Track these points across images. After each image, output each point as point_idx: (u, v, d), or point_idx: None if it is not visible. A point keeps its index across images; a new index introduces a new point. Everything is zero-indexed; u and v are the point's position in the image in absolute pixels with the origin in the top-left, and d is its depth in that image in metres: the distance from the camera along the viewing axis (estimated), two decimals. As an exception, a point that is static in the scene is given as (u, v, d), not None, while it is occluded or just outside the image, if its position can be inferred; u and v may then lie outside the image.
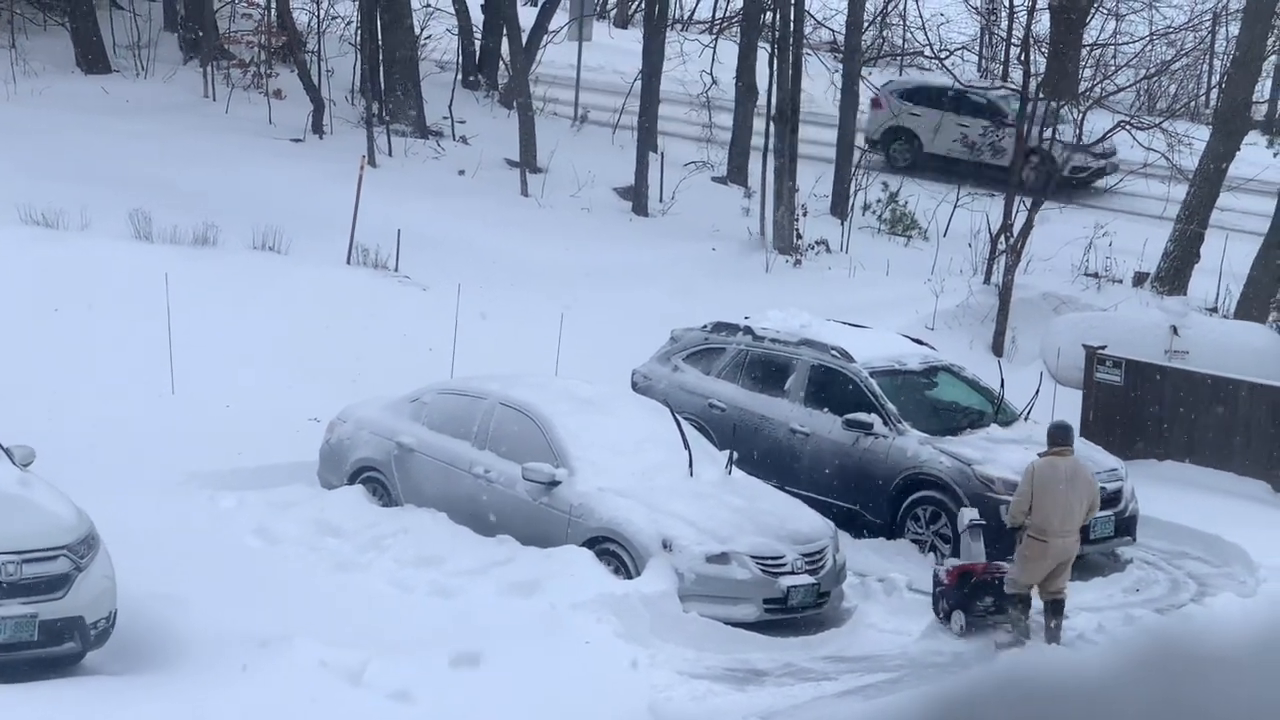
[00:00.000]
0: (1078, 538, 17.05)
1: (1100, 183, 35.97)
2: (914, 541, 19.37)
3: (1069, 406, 23.15)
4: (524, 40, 37.79)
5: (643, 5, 42.94)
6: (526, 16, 40.09)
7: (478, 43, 41.12)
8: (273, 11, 38.00)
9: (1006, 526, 17.40)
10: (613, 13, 56.69)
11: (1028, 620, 16.89)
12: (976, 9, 45.68)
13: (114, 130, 32.20)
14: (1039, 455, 17.20)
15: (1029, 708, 3.30)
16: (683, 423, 18.39)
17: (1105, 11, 38.38)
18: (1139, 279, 31.02)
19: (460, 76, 39.94)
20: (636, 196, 33.57)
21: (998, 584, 17.13)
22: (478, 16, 41.01)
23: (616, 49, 47.85)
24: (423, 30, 39.21)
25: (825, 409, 20.15)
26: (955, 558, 17.88)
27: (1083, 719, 3.26)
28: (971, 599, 17.05)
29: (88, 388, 21.27)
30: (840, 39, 38.67)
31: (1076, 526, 16.96)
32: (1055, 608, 16.90)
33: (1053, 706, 3.30)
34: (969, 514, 17.90)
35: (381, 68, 35.96)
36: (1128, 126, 31.29)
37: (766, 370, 20.87)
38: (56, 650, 14.26)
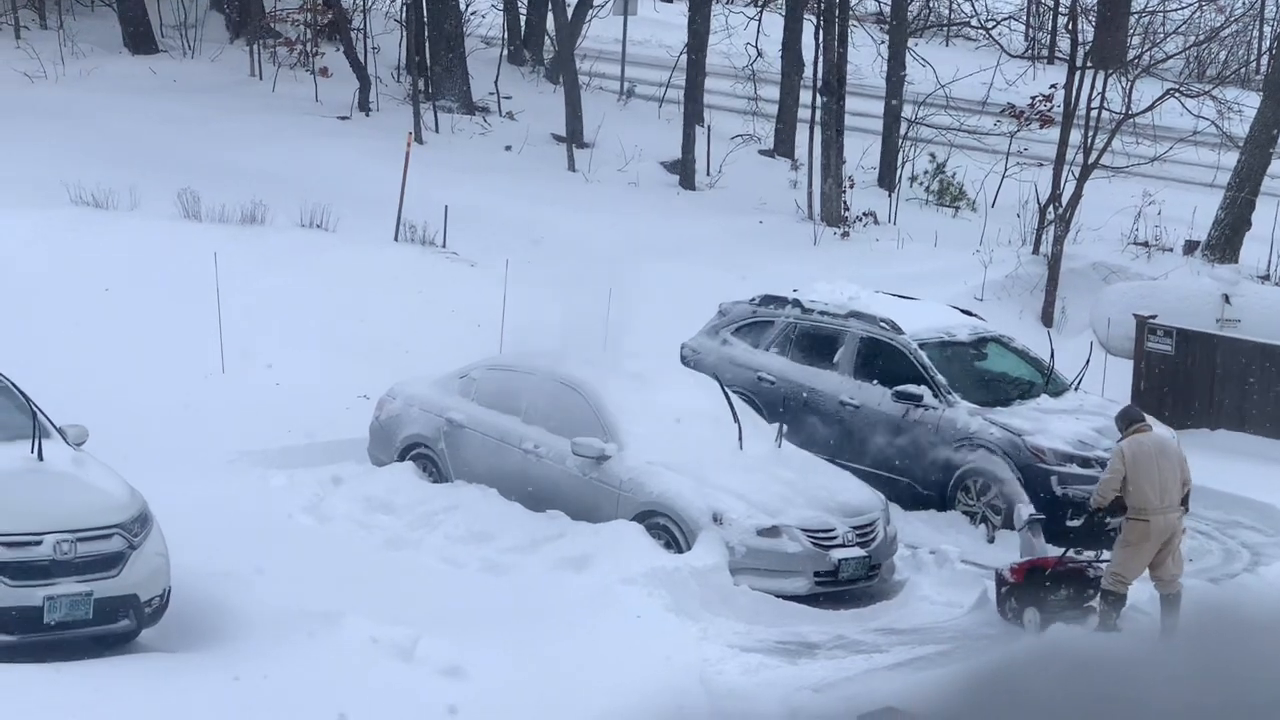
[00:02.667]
0: (1180, 513, 16.40)
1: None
2: (965, 513, 19.32)
3: (1120, 377, 23.08)
4: (569, 14, 37.76)
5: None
6: (571, -9, 40.00)
7: (523, 17, 41.10)
8: (318, -11, 38.02)
9: (1090, 508, 16.78)
10: (658, -14, 56.53)
11: (1117, 619, 16.14)
12: (1023, -22, 45.42)
13: (161, 111, 32.29)
14: (1121, 439, 16.54)
15: (1077, 681, 3.29)
16: (732, 396, 18.37)
17: (1154, -22, 38.05)
18: (1189, 247, 30.83)
19: (506, 52, 39.94)
20: (684, 170, 33.52)
21: (1072, 574, 16.60)
22: (523, -9, 40.99)
23: (662, 22, 47.80)
24: (468, 6, 39.19)
25: (875, 381, 20.10)
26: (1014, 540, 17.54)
27: (1131, 689, 3.25)
28: (1047, 594, 16.47)
29: (139, 367, 21.36)
30: (886, 9, 38.50)
31: (1176, 501, 16.32)
32: (1172, 602, 16.17)
33: (1098, 678, 3.30)
34: (1026, 509, 17.45)
35: (427, 44, 35.97)
36: (1177, 94, 31.08)
37: (815, 343, 20.83)
38: (111, 628, 14.34)
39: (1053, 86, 32.46)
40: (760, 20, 40.54)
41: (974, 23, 42.77)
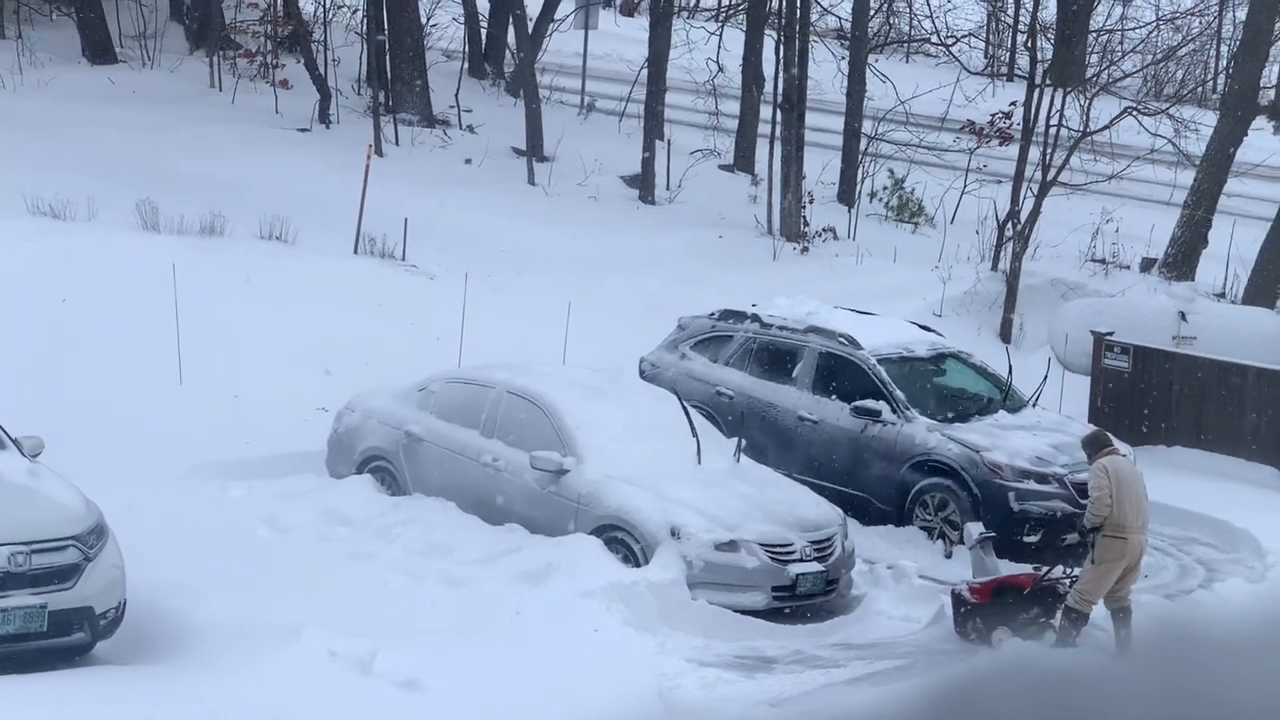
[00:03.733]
0: (1147, 536, 16.58)
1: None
2: (922, 528, 19.37)
3: (1077, 393, 23.17)
4: (530, 28, 37.77)
5: (649, -7, 42.90)
6: (533, 4, 40.03)
7: (484, 31, 41.10)
8: (279, 1, 37.95)
9: (1085, 528, 16.65)
10: (619, 1, 56.65)
11: (1078, 637, 16.19)
12: (983, -5, 45.61)
13: (120, 121, 32.19)
14: (1097, 461, 16.51)
15: (1036, 696, 3.30)
16: (690, 410, 18.39)
17: (1112, -3, 38.27)
18: (1146, 265, 31.00)
19: (466, 65, 39.93)
20: (643, 184, 33.55)
21: (1044, 592, 16.56)
22: (484, 4, 40.99)
23: (623, 37, 47.85)
24: (429, 19, 39.17)
25: (833, 396, 20.15)
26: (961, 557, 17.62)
27: (1089, 705, 3.27)
28: (1015, 612, 16.43)
29: (96, 378, 21.28)
30: (846, 26, 38.63)
31: (1147, 522, 16.51)
32: (1123, 616, 16.29)
33: (1060, 693, 3.31)
34: (975, 527, 17.44)
35: (388, 57, 35.93)
36: (1135, 112, 31.25)
37: (774, 358, 20.87)
38: (66, 640, 14.27)
39: (1012, 104, 32.61)
40: (721, 35, 40.62)
41: (934, 40, 42.98)
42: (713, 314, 21.73)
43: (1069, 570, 16.91)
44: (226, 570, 16.12)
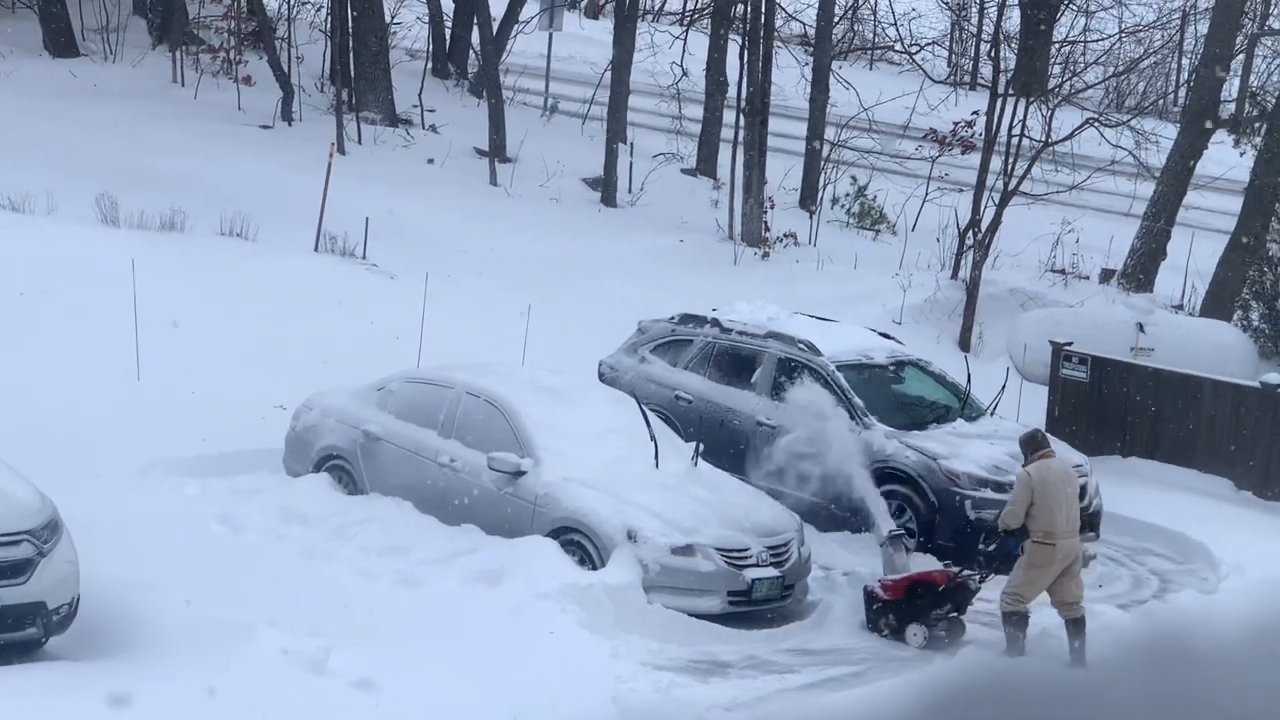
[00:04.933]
0: (1079, 538, 16.74)
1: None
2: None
3: (1035, 402, 23.24)
4: (494, 29, 37.74)
5: (614, -4, 42.92)
6: (497, 5, 40.00)
7: (448, 31, 41.05)
8: (243, -3, 37.87)
9: (999, 531, 16.88)
10: (583, 3, 56.65)
11: (1024, 639, 16.38)
12: (947, 4, 45.75)
13: (81, 115, 32.07)
14: (1026, 464, 16.76)
15: (994, 704, 3.31)
16: (649, 414, 18.39)
17: (1075, 8, 38.43)
18: (1106, 276, 31.12)
19: (430, 65, 39.88)
20: (605, 187, 33.55)
21: (957, 589, 16.90)
22: (448, 5, 40.96)
23: (587, 39, 47.86)
24: (393, 18, 39.13)
25: (792, 402, 20.14)
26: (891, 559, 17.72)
27: (1047, 713, 3.27)
28: (927, 609, 16.79)
29: (53, 373, 21.18)
30: (811, 32, 38.69)
31: (1078, 526, 16.67)
32: (1077, 626, 16.38)
33: (1017, 702, 3.32)
34: (886, 525, 17.71)
35: (352, 55, 35.87)
36: (1096, 123, 31.37)
37: (733, 363, 20.87)
38: (17, 635, 14.17)
39: (974, 113, 32.70)
40: (685, 40, 40.65)
41: (898, 47, 43.12)
42: (673, 318, 21.73)
43: (981, 570, 17.25)
44: (181, 567, 16.05)
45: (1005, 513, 16.68)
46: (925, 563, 17.63)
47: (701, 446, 18.53)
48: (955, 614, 16.88)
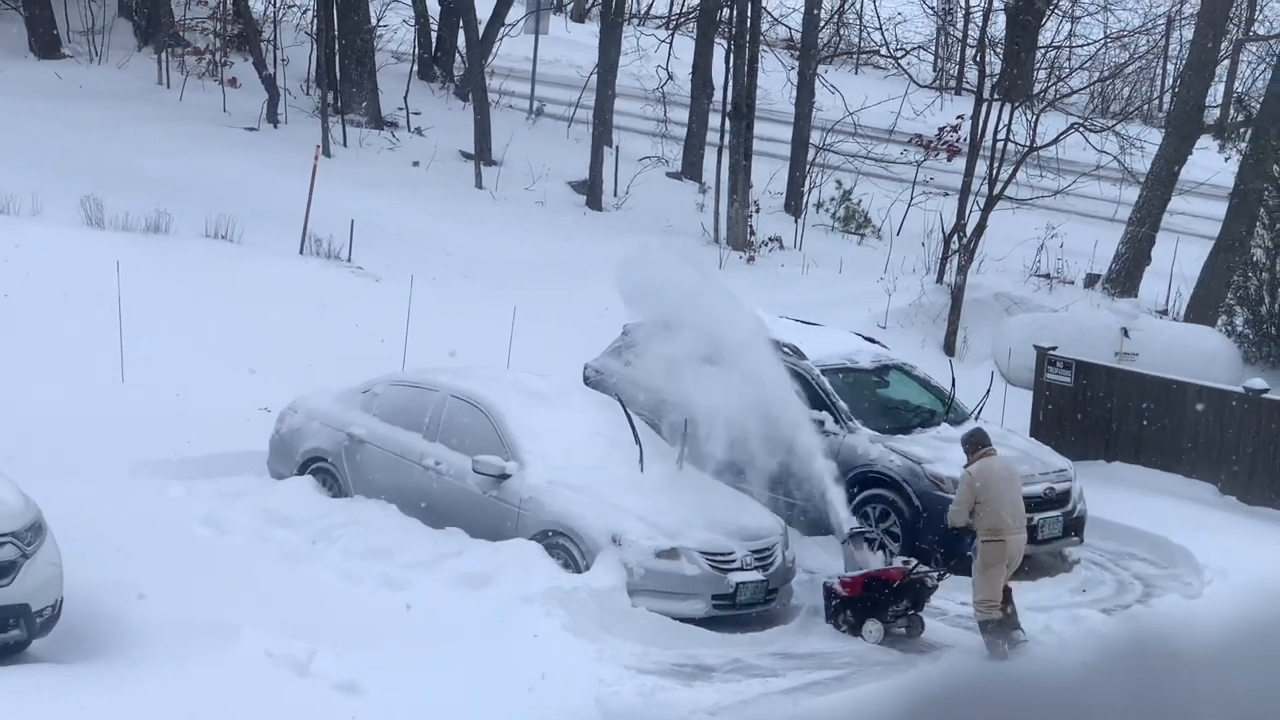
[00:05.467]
0: (1025, 534, 17.07)
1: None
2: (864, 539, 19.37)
3: (1019, 407, 23.27)
4: (480, 32, 37.74)
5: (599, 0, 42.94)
6: (483, 8, 39.99)
7: (434, 34, 41.04)
8: (228, -1, 37.85)
9: (948, 527, 17.38)
10: (569, 6, 56.63)
11: (1005, 644, 16.54)
12: (933, 9, 45.77)
13: (66, 116, 32.03)
14: (969, 463, 17.13)
15: (978, 709, 3.32)
16: (634, 417, 18.38)
17: (1061, 14, 38.48)
18: (1090, 280, 31.16)
19: (416, 68, 39.88)
20: (591, 190, 33.56)
21: (913, 585, 17.10)
22: (434, 7, 40.93)
23: (573, 43, 47.86)
24: (379, 21, 39.11)
25: (776, 405, 20.13)
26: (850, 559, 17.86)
27: (1031, 717, 3.28)
28: (883, 605, 17.00)
29: (37, 374, 21.14)
30: (796, 36, 38.72)
31: (1023, 521, 17.03)
32: (1004, 595, 16.81)
33: (1001, 707, 3.33)
34: (848, 523, 17.92)
35: (337, 58, 35.86)
36: (1081, 128, 31.41)
37: (719, 366, 20.83)
38: (1, 637, 14.16)
39: (960, 118, 32.74)
40: (671, 43, 40.67)
41: (883, 52, 43.10)
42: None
43: (939, 567, 17.58)
44: (165, 570, 16.03)
45: (951, 512, 17.12)
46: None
47: (686, 449, 18.52)
48: (913, 611, 17.09)
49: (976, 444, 17.18)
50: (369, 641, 14.89)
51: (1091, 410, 23.06)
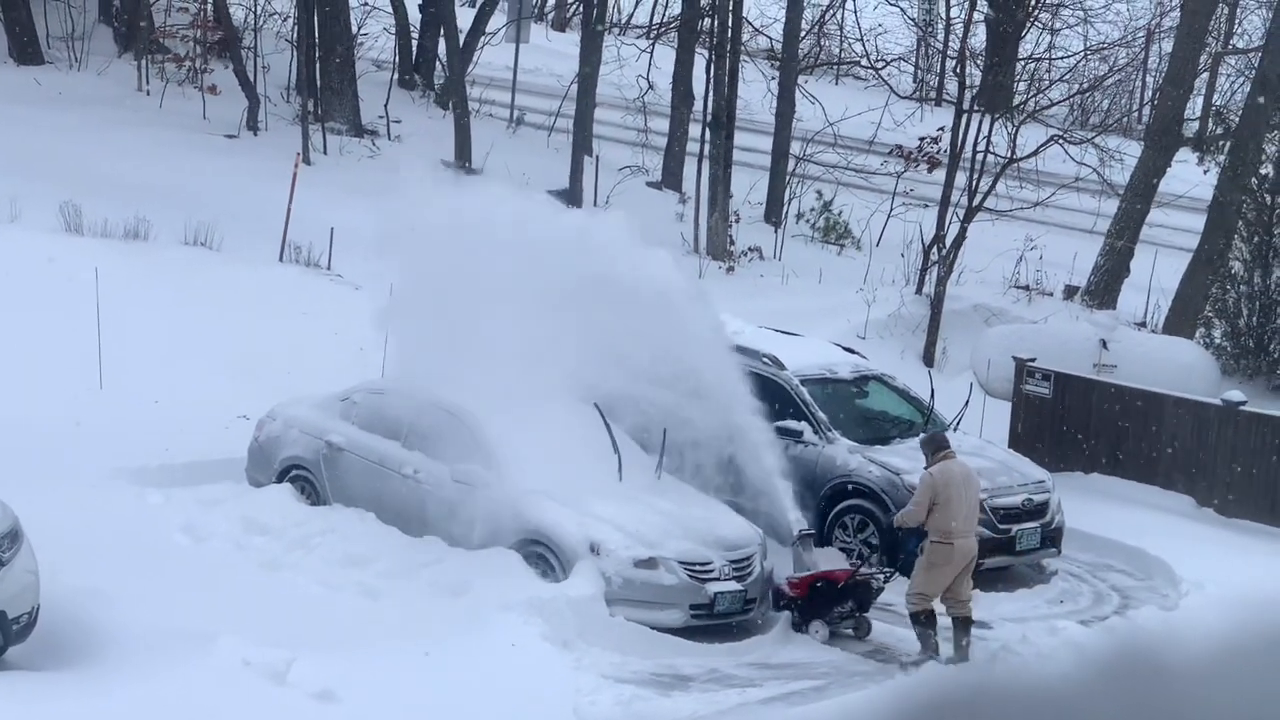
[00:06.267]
0: (976, 539, 17.21)
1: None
2: (842, 549, 19.40)
3: (998, 418, 23.30)
4: (461, 41, 37.74)
5: (580, 9, 42.94)
6: (464, 17, 40.00)
7: (415, 42, 41.04)
8: (209, 6, 37.78)
9: (895, 525, 17.61)
10: (550, 16, 56.68)
11: (936, 636, 16.81)
12: (914, 21, 45.87)
13: (46, 122, 31.96)
14: (928, 465, 17.27)
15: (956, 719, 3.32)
16: (612, 426, 18.37)
17: (1041, 26, 38.60)
18: (1069, 292, 31.23)
19: (396, 76, 39.85)
20: (571, 199, 33.52)
21: (858, 586, 17.32)
22: (415, 16, 40.93)
23: (553, 52, 47.88)
24: (360, 28, 39.09)
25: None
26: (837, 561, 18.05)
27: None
28: (827, 606, 17.25)
29: (15, 381, 21.09)
30: (777, 47, 38.77)
31: (975, 526, 17.20)
32: (964, 625, 16.88)
33: (979, 718, 3.33)
34: (797, 525, 18.07)
35: (318, 65, 35.83)
36: (1061, 140, 31.49)
37: (698, 376, 20.82)
38: (-22, 645, 14.13)
39: (940, 129, 32.79)
40: (652, 53, 40.69)
41: (864, 63, 43.20)
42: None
43: (884, 568, 17.78)
44: (142, 577, 16.00)
45: (905, 512, 17.28)
46: (836, 560, 18.15)
47: (665, 459, 18.52)
48: (859, 612, 17.31)
49: (936, 447, 17.34)
50: (347, 650, 14.87)
51: (1070, 422, 23.10)
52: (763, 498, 18.53)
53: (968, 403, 21.09)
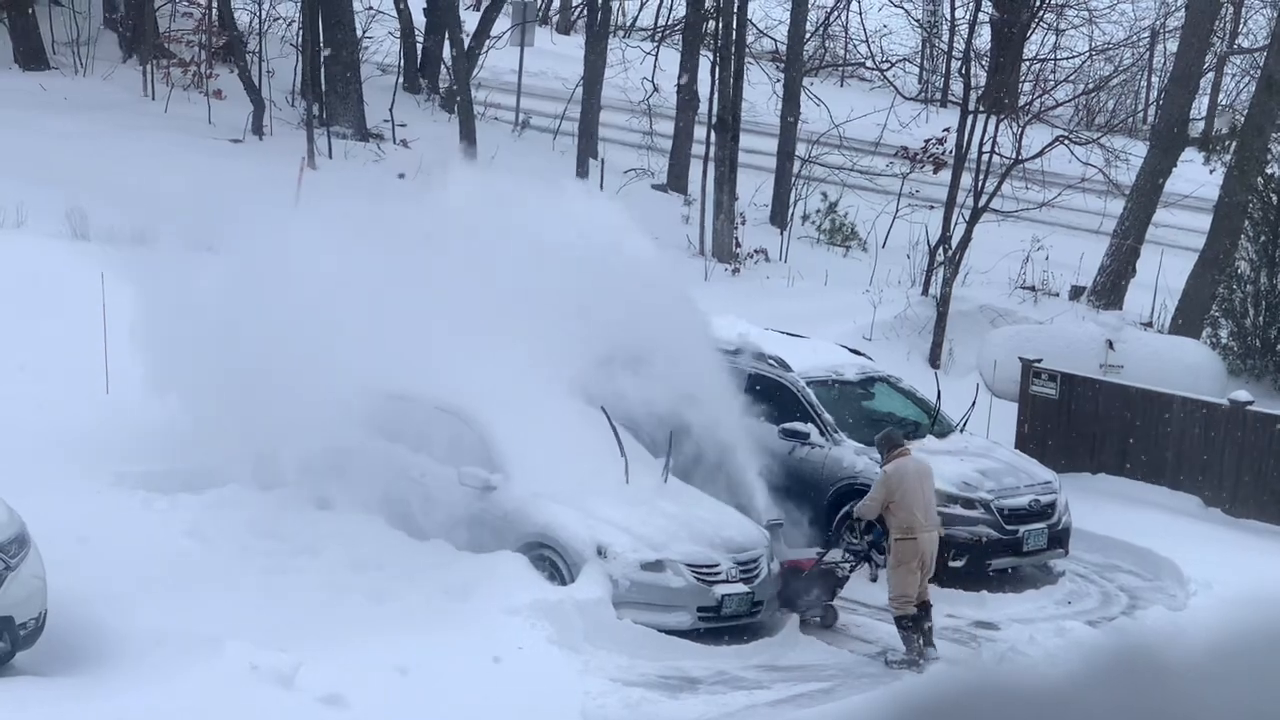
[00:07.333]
0: (937, 533, 17.40)
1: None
2: (849, 551, 19.37)
3: (1004, 419, 23.29)
4: (466, 44, 37.74)
5: (585, 12, 42.95)
6: (469, 21, 40.00)
7: (419, 46, 41.04)
8: (214, 11, 37.81)
9: (855, 517, 17.79)
10: (555, 19, 56.66)
11: (919, 642, 16.88)
12: (918, 22, 45.87)
13: (51, 128, 31.97)
14: (884, 463, 17.54)
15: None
16: (619, 428, 18.36)
17: (1046, 27, 38.57)
18: (1075, 293, 31.20)
19: (401, 80, 39.86)
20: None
21: (824, 575, 17.57)
22: (420, 20, 40.93)
23: (558, 55, 47.85)
24: (364, 32, 39.10)
25: (761, 418, 20.15)
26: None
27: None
28: (796, 594, 17.51)
29: (21, 386, 21.08)
30: (782, 49, 38.76)
31: (935, 520, 17.37)
32: (924, 609, 17.09)
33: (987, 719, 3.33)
34: (767, 514, 18.30)
35: (323, 69, 35.84)
36: (1066, 141, 31.47)
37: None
38: (-15, 650, 14.14)
39: (945, 130, 32.78)
40: (657, 55, 40.69)
41: (869, 64, 43.18)
42: (644, 333, 21.66)
43: (847, 555, 17.94)
44: (149, 582, 16.00)
45: (861, 506, 17.61)
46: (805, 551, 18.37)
47: (671, 461, 18.51)
48: (826, 600, 17.59)
49: (892, 444, 17.65)
50: (354, 654, 14.86)
51: (1076, 422, 23.08)
52: (737, 487, 18.58)
53: (974, 404, 21.09)
